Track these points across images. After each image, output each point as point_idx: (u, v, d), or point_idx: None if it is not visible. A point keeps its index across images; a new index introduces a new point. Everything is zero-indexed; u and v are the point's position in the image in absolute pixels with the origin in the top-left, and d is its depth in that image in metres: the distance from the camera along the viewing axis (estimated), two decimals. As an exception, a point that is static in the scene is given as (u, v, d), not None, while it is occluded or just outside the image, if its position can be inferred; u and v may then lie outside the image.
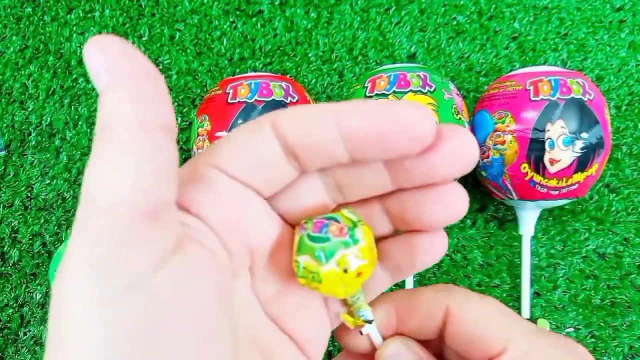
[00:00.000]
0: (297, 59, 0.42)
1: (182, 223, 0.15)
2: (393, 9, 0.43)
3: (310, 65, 0.42)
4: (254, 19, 0.43)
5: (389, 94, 0.32)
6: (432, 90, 0.32)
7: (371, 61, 0.42)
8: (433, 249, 0.18)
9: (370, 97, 0.33)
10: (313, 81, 0.42)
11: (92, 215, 0.12)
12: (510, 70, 0.37)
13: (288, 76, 0.42)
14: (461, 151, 0.15)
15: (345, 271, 0.17)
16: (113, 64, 0.12)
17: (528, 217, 0.36)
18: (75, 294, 0.12)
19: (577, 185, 0.32)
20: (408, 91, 0.32)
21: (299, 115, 0.16)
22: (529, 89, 0.32)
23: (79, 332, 0.12)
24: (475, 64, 0.42)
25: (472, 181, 0.39)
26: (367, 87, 0.33)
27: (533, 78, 0.33)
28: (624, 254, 0.38)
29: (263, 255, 0.18)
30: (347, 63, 0.42)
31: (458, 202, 0.16)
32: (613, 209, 0.39)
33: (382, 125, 0.15)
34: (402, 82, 0.32)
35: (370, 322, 0.20)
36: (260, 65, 0.43)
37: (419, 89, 0.32)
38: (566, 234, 0.39)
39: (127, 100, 0.12)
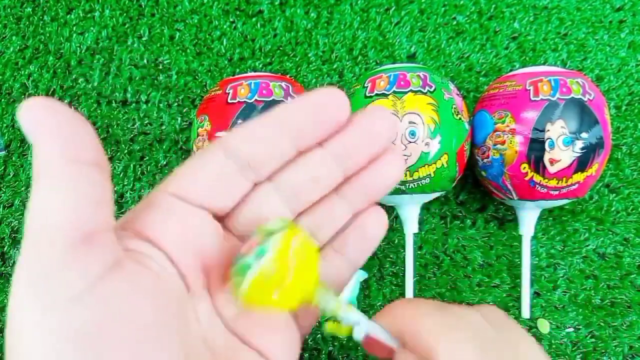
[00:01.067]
0: (297, 59, 0.42)
1: (126, 247, 0.16)
2: (393, 9, 0.43)
3: (310, 65, 0.42)
4: (254, 19, 0.43)
5: (389, 94, 0.32)
6: (432, 90, 0.32)
7: (371, 61, 0.42)
8: (378, 218, 0.21)
9: (370, 97, 0.33)
10: (313, 81, 0.42)
11: (30, 239, 0.14)
12: (510, 70, 0.37)
13: (288, 76, 0.42)
14: (374, 123, 0.19)
15: (259, 287, 0.17)
16: (40, 120, 0.14)
17: (528, 217, 0.36)
18: (18, 306, 0.14)
19: (577, 185, 0.32)
20: (408, 91, 0.32)
21: (249, 134, 0.19)
22: (529, 89, 0.32)
23: (26, 340, 0.13)
24: (475, 64, 0.42)
25: (472, 181, 0.39)
26: (367, 87, 0.33)
27: (533, 78, 0.33)
28: (624, 254, 0.38)
29: (221, 275, 0.19)
30: (347, 63, 0.42)
31: (393, 165, 0.20)
32: (613, 209, 0.39)
33: (318, 115, 0.19)
34: (402, 82, 0.32)
35: (357, 323, 0.19)
36: (260, 65, 0.43)
37: (419, 89, 0.32)
38: (566, 234, 0.39)
39: (54, 144, 0.14)
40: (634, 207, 0.39)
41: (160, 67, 0.43)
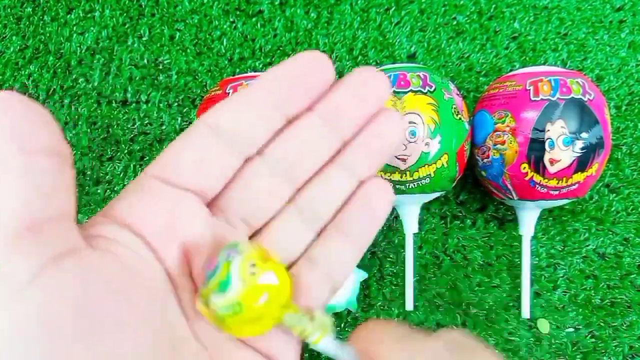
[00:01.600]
0: (297, 59, 0.42)
1: (98, 234, 0.16)
2: (393, 9, 0.43)
3: (310, 65, 0.42)
4: (254, 19, 0.43)
5: (389, 94, 0.32)
6: (432, 90, 0.32)
7: (371, 61, 0.42)
8: (383, 190, 0.20)
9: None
10: (313, 81, 0.42)
11: None
12: (510, 70, 0.37)
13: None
14: (364, 81, 0.19)
15: (224, 319, 0.16)
16: None
17: (528, 217, 0.36)
18: None
19: (577, 185, 0.32)
20: (408, 91, 0.32)
21: (232, 107, 0.18)
22: (529, 89, 0.32)
23: None
24: (475, 64, 0.42)
25: (472, 181, 0.39)
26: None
27: (533, 78, 0.33)
28: (624, 254, 0.38)
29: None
30: (347, 63, 0.42)
31: (392, 122, 0.19)
32: (613, 209, 0.39)
33: (303, 78, 0.18)
34: (402, 82, 0.32)
35: (332, 352, 0.17)
36: (260, 65, 0.43)
37: (419, 89, 0.32)
38: (566, 234, 0.39)
39: (7, 134, 0.14)
40: (634, 207, 0.39)
41: (161, 67, 0.43)
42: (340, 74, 0.42)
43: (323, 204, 0.20)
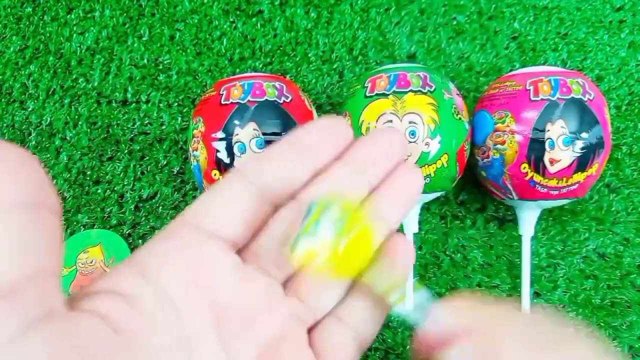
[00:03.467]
0: (297, 59, 0.42)
1: (97, 290, 0.15)
2: (393, 9, 0.43)
3: (310, 65, 0.42)
4: (254, 19, 0.43)
5: (389, 94, 0.32)
6: (432, 90, 0.32)
7: (371, 61, 0.42)
8: (406, 247, 0.20)
9: (370, 97, 0.33)
10: (313, 81, 0.42)
11: None
12: (510, 70, 0.37)
13: (288, 76, 0.42)
14: (384, 137, 0.20)
15: (314, 253, 0.17)
16: None
17: (528, 217, 0.36)
18: None
19: (577, 185, 0.32)
20: (408, 91, 0.32)
21: (265, 157, 0.19)
22: (529, 89, 0.32)
23: None
24: (475, 64, 0.42)
25: (472, 181, 0.39)
26: (367, 87, 0.33)
27: (533, 78, 0.33)
28: (624, 254, 0.38)
29: (237, 318, 0.17)
30: (347, 63, 0.42)
31: (413, 175, 0.20)
32: (613, 209, 0.39)
33: (328, 134, 0.19)
34: (402, 82, 0.32)
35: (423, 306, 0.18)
36: (261, 65, 0.43)
37: (419, 89, 0.32)
38: (566, 234, 0.39)
39: None
40: (634, 207, 0.39)
41: (161, 67, 0.43)
42: (340, 74, 0.42)
43: None
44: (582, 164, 0.31)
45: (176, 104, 0.42)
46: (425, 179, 0.32)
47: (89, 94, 0.42)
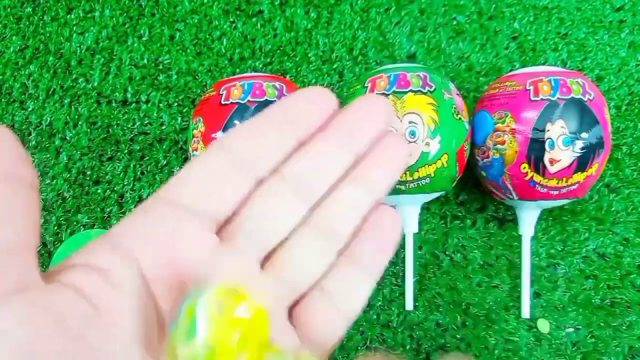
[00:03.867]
0: (297, 59, 0.42)
1: (72, 264, 0.15)
2: (393, 9, 0.43)
3: (310, 65, 0.42)
4: (254, 19, 0.43)
5: (389, 94, 0.32)
6: (432, 90, 0.32)
7: (371, 61, 0.42)
8: (393, 218, 0.20)
9: (370, 97, 0.33)
10: (313, 81, 0.42)
11: None
12: (510, 70, 0.37)
13: (288, 76, 0.42)
14: (369, 105, 0.20)
15: None
16: None
17: (528, 217, 0.36)
18: None
19: (577, 185, 0.32)
20: (408, 91, 0.32)
21: (245, 130, 0.18)
22: (529, 89, 0.32)
23: None
24: (475, 64, 0.42)
25: (472, 181, 0.39)
26: (367, 87, 0.33)
27: (533, 78, 0.33)
28: (624, 254, 0.38)
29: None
30: (347, 63, 0.42)
31: (398, 142, 0.20)
32: (613, 209, 0.39)
33: (312, 105, 0.19)
34: (402, 82, 0.32)
35: None
36: (261, 65, 0.43)
37: (419, 89, 0.32)
38: (566, 234, 0.39)
39: None
40: (634, 207, 0.39)
41: (160, 67, 0.43)
42: (340, 74, 0.42)
43: (340, 222, 0.19)
44: (582, 164, 0.31)
45: (176, 104, 0.42)
46: (425, 179, 0.32)
47: (89, 94, 0.42)
